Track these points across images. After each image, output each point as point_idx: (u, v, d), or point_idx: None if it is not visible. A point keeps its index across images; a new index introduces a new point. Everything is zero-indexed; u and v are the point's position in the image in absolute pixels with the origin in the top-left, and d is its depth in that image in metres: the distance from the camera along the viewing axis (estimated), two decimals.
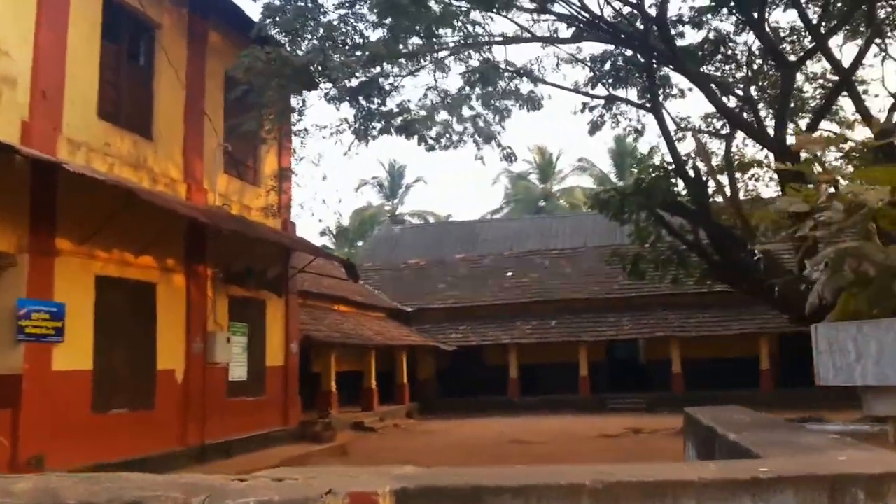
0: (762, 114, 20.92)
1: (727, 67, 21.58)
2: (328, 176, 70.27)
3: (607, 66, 21.49)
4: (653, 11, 18.03)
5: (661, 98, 21.22)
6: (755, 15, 18.25)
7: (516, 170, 49.45)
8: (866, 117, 19.12)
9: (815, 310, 4.51)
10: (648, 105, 20.49)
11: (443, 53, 19.15)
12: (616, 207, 19.69)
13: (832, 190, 4.05)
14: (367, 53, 15.24)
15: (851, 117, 22.01)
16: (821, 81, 22.26)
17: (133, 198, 11.80)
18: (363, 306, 28.60)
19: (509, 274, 33.31)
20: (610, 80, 21.53)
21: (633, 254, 21.35)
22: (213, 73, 16.50)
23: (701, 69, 20.09)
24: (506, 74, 20.25)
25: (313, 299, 23.46)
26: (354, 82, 19.28)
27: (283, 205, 18.86)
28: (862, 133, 23.09)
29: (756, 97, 20.79)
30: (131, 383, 13.73)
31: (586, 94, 21.21)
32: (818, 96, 22.29)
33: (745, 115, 20.57)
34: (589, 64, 21.56)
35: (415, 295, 32.87)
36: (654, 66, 19.97)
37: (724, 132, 22.42)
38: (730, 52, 20.92)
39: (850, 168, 15.85)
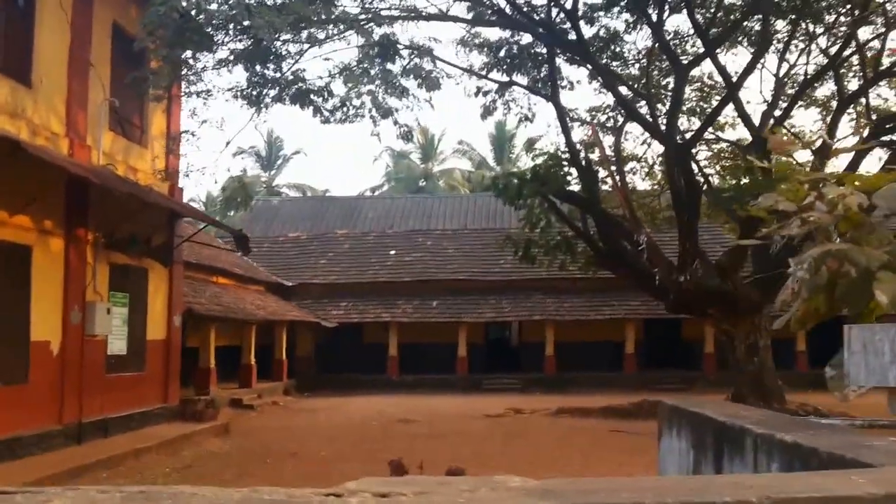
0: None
1: (615, 64, 21.96)
2: (216, 142, 67.62)
3: (502, 53, 21.47)
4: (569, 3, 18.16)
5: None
6: (653, 15, 18.58)
7: (399, 148, 49.24)
8: (745, 120, 19.90)
9: (786, 306, 4.49)
10: (548, 94, 20.61)
11: (345, 27, 18.64)
12: (514, 192, 19.74)
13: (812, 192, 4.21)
14: (291, 15, 14.46)
15: (726, 119, 22.94)
16: (698, 84, 23.14)
17: (18, 151, 10.77)
18: (243, 279, 27.65)
19: (393, 252, 33.01)
20: (504, 67, 21.52)
21: (525, 238, 21.51)
22: (100, 20, 15.32)
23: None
24: (406, 52, 19.96)
25: (192, 270, 22.39)
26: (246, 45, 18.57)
27: (172, 169, 17.85)
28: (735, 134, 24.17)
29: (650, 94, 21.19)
30: (2, 354, 12.62)
31: (493, 79, 21.08)
32: (695, 98, 23.23)
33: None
34: (485, 49, 21.48)
35: (295, 269, 32.16)
36: (557, 55, 20.09)
37: (609, 125, 22.84)
38: (618, 49, 21.28)
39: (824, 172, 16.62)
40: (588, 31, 20.46)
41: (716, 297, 18.67)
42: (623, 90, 20.91)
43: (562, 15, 18.90)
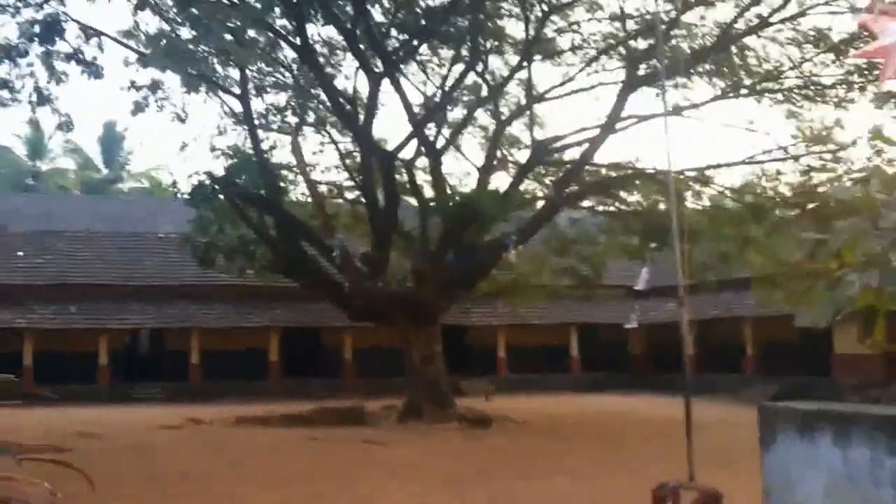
0: None
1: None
2: None
3: (163, 44, 20.87)
4: None
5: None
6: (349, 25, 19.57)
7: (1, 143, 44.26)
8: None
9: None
10: (238, 93, 20.62)
11: None
12: (206, 193, 19.48)
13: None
14: None
15: None
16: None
17: None
18: None
19: (20, 253, 30.03)
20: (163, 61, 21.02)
21: (206, 242, 21.25)
22: None
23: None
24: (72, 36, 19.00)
25: None
26: None
27: None
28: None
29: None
30: None
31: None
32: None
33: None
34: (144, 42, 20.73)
35: None
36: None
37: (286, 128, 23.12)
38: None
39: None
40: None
41: (403, 304, 19.95)
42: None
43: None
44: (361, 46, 19.85)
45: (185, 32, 20.26)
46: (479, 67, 21.22)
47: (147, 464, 13.83)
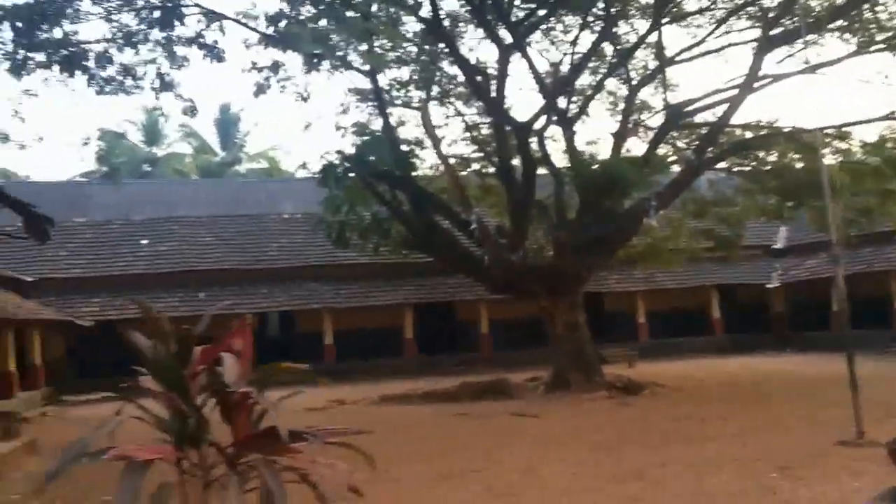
0: None
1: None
2: None
3: (282, 25, 20.50)
4: None
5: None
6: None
7: (118, 130, 45.08)
8: None
9: None
10: (368, 69, 20.12)
11: None
12: (337, 172, 19.06)
13: None
14: None
15: None
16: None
17: None
18: None
19: (144, 241, 30.35)
20: (284, 42, 20.57)
21: (340, 222, 20.94)
22: None
23: None
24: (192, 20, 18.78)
25: None
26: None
27: None
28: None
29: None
30: None
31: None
32: None
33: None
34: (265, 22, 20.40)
35: (30, 263, 28.33)
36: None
37: (416, 105, 22.63)
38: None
39: None
40: None
41: (543, 275, 19.47)
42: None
43: None
44: (489, 18, 19.19)
45: (305, 10, 19.89)
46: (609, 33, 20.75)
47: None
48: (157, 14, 19.68)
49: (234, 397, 3.89)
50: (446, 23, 20.50)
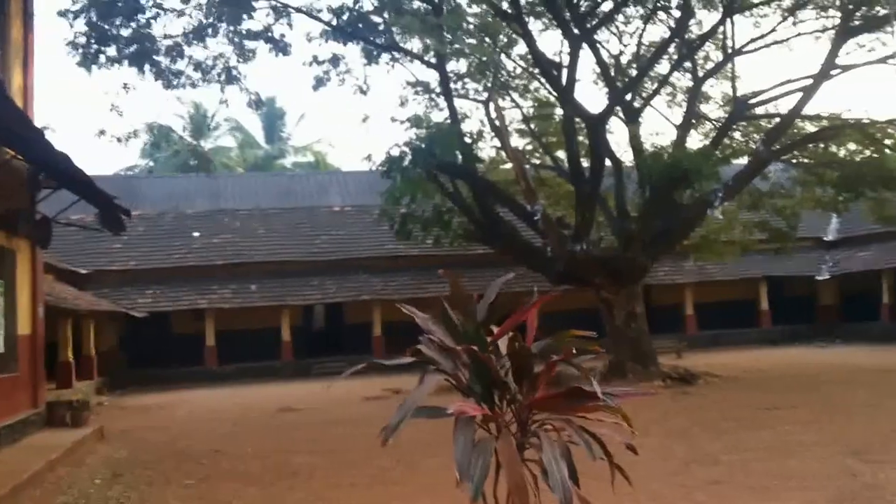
0: None
1: None
2: None
3: (346, 17, 20.60)
4: None
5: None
6: None
7: (166, 123, 45.22)
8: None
9: None
10: (434, 61, 20.17)
11: None
12: (402, 164, 19.02)
13: None
14: None
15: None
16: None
17: None
18: None
19: (196, 234, 30.56)
20: (347, 34, 20.64)
21: (402, 213, 20.99)
22: None
23: None
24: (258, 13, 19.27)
25: None
26: None
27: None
28: None
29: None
30: None
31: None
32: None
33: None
34: (332, 14, 20.51)
35: (85, 255, 28.61)
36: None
37: (480, 98, 22.43)
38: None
39: None
40: None
41: (605, 267, 19.38)
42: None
43: None
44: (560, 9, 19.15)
45: (368, 4, 20.01)
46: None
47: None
48: (226, 8, 19.86)
49: (537, 362, 4.23)
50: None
